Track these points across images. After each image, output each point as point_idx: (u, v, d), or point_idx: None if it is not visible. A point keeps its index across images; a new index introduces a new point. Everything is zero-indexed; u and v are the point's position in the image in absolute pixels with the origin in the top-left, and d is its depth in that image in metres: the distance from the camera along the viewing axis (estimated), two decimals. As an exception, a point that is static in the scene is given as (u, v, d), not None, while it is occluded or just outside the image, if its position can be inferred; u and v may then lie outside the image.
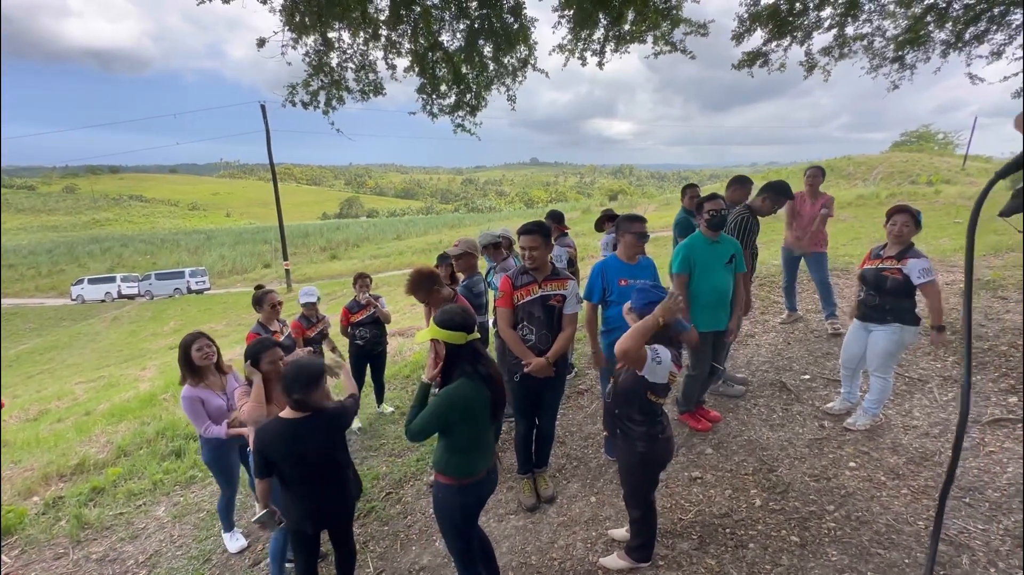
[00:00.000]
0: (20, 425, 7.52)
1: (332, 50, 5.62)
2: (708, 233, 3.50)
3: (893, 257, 3.28)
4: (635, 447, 2.39)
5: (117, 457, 5.05)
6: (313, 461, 2.35)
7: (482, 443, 2.24)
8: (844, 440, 3.50)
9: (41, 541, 3.80)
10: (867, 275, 3.43)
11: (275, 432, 2.32)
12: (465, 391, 2.14)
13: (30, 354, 19.68)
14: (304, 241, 42.98)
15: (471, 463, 2.21)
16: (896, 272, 3.23)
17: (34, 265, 38.88)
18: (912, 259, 3.20)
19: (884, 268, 3.30)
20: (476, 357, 2.20)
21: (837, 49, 6.12)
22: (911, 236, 3.29)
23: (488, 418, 2.22)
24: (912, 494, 2.95)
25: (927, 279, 3.15)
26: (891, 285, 3.25)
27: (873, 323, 3.42)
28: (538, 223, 3.07)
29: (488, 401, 2.20)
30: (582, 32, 5.80)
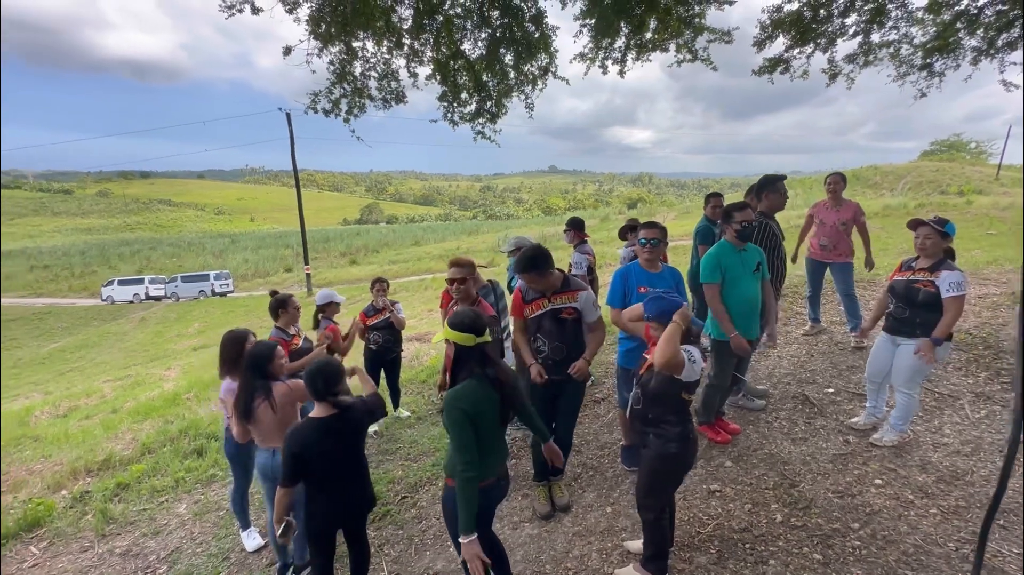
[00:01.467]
0: (51, 421, 7.77)
1: (355, 59, 5.74)
2: (736, 242, 3.46)
3: (926, 269, 3.19)
4: (669, 448, 2.37)
5: (141, 454, 5.17)
6: (341, 458, 2.42)
7: (491, 446, 2.20)
8: (870, 456, 3.40)
9: (68, 534, 3.91)
10: (897, 287, 3.33)
11: (310, 431, 2.37)
12: (473, 391, 2.14)
13: (62, 352, 20.36)
14: (325, 246, 43.70)
15: (482, 466, 2.16)
16: (929, 285, 3.14)
17: (68, 266, 40.30)
18: (945, 271, 3.11)
19: (916, 280, 3.21)
20: (485, 359, 2.20)
21: (862, 56, 6.01)
22: (938, 248, 3.19)
23: (496, 420, 2.21)
24: (942, 514, 2.84)
25: (956, 293, 3.06)
26: (923, 298, 3.16)
27: (902, 337, 3.32)
28: (531, 259, 2.90)
29: (496, 403, 2.18)
30: (603, 41, 5.82)
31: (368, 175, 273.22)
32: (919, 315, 3.20)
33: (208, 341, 17.91)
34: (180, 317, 24.43)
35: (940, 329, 3.12)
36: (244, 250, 44.51)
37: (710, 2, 5.44)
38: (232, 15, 4.92)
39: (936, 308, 3.14)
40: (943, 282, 3.09)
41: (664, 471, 2.45)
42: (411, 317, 12.84)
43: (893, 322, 3.37)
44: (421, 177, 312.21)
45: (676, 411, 2.37)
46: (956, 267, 3.15)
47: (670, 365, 2.22)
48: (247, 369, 2.82)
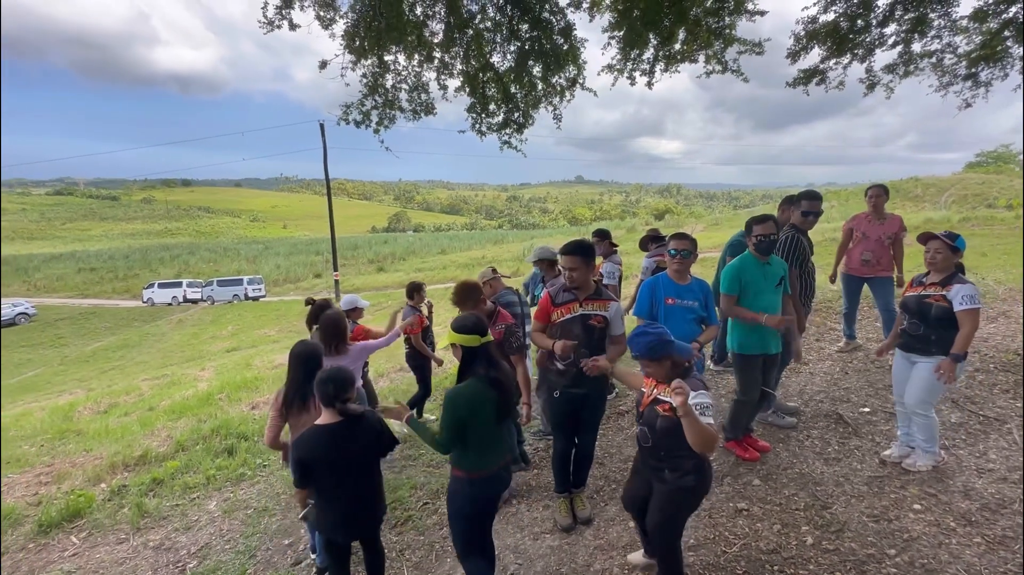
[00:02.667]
0: (92, 416, 8.12)
1: (387, 72, 5.91)
2: (758, 255, 3.40)
3: (937, 284, 3.09)
4: (687, 481, 2.27)
5: (175, 451, 5.35)
6: (347, 468, 2.40)
7: (491, 441, 2.40)
8: (908, 480, 3.25)
9: (106, 526, 4.07)
10: (909, 303, 3.20)
11: (314, 438, 2.37)
12: (473, 390, 2.31)
13: (104, 351, 21.32)
14: (353, 253, 44.67)
15: (482, 459, 2.37)
16: (941, 299, 3.03)
17: (112, 269, 42.30)
18: (957, 285, 3.00)
19: (927, 296, 3.10)
20: (489, 360, 2.37)
21: (902, 66, 5.84)
22: (948, 262, 3.08)
23: (494, 418, 2.36)
24: (987, 544, 2.69)
25: (969, 306, 2.93)
26: (936, 313, 3.04)
27: (917, 354, 3.18)
28: (580, 243, 2.99)
29: (494, 402, 2.34)
30: (631, 52, 5.83)
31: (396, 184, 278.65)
32: (934, 331, 3.06)
33: (240, 343, 18.48)
34: (215, 320, 25.28)
35: (958, 344, 2.97)
36: (277, 256, 45.88)
37: (741, 13, 5.39)
38: (271, 31, 5.14)
39: (951, 324, 3.00)
40: (955, 295, 2.97)
41: (684, 504, 2.38)
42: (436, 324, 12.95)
43: (908, 339, 3.23)
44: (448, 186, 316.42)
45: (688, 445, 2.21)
46: (968, 280, 3.04)
47: (710, 445, 2.10)
48: (301, 367, 2.89)
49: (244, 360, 12.29)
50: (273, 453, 5.08)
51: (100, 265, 43.58)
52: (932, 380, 3.06)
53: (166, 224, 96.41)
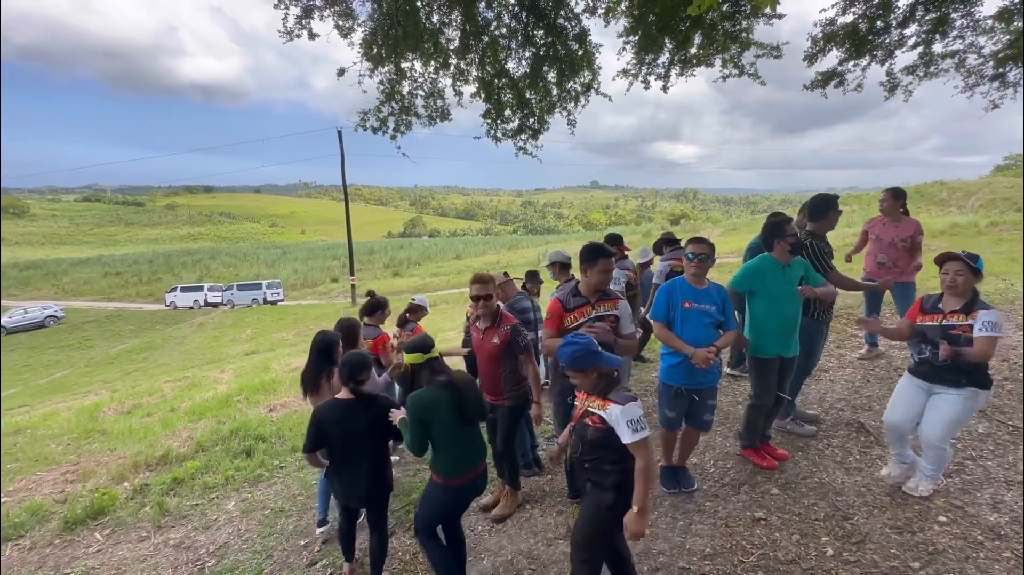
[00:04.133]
0: (116, 417, 8.32)
1: (404, 79, 5.99)
2: (784, 258, 3.36)
3: (959, 311, 2.85)
4: (605, 498, 2.20)
5: (196, 452, 5.46)
6: (357, 440, 2.72)
7: (458, 443, 2.59)
8: (934, 492, 3.16)
9: (128, 524, 4.17)
10: (930, 333, 2.94)
11: (330, 409, 2.74)
12: (427, 393, 2.58)
13: (128, 353, 21.85)
14: (369, 258, 45.14)
15: (453, 464, 2.59)
16: (968, 330, 2.79)
17: (137, 273, 43.39)
18: (981, 311, 2.78)
19: (953, 326, 2.85)
20: (434, 369, 2.64)
21: (923, 68, 5.73)
22: (969, 285, 2.84)
23: (454, 418, 2.55)
24: (1016, 559, 2.60)
25: (989, 333, 2.71)
26: (966, 344, 2.79)
27: (943, 386, 2.92)
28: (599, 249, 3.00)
29: (448, 402, 2.55)
30: (646, 57, 5.82)
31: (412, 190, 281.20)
32: (964, 363, 2.82)
33: (259, 346, 18.78)
34: (235, 323, 25.75)
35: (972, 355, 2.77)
36: (295, 261, 46.58)
37: (758, 17, 5.35)
38: (290, 40, 5.26)
39: None
40: (979, 320, 2.76)
41: (601, 522, 2.24)
42: (450, 329, 13.05)
43: (931, 370, 2.95)
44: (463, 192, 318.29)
45: (614, 460, 2.19)
46: (990, 305, 2.83)
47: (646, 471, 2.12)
48: (318, 352, 3.32)
49: (262, 363, 12.49)
50: (291, 455, 5.16)
51: (125, 269, 44.73)
52: (961, 413, 2.87)
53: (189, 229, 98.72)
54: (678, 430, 3.39)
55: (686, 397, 3.23)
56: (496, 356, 3.26)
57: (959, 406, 2.86)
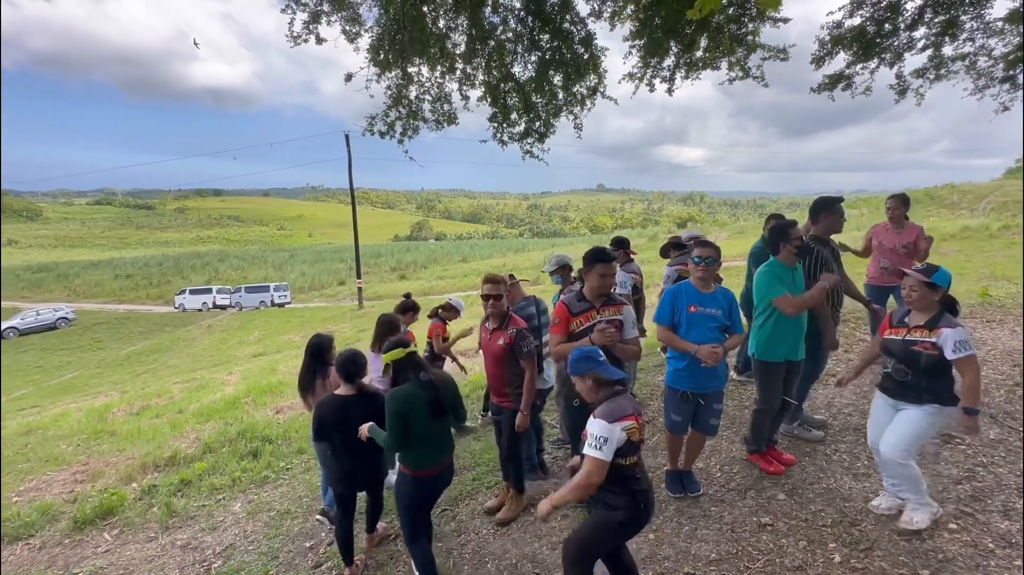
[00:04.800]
0: (125, 418, 8.41)
1: (411, 83, 6.03)
2: (790, 260, 3.34)
3: (923, 327, 2.74)
4: (615, 516, 2.19)
5: (203, 453, 5.51)
6: (355, 432, 2.91)
7: (430, 438, 2.77)
8: (944, 498, 3.12)
9: (137, 524, 4.21)
10: (893, 348, 2.85)
11: (332, 403, 2.99)
12: (406, 390, 2.72)
13: (138, 355, 22.06)
14: (376, 261, 45.33)
15: (423, 456, 2.76)
16: (930, 347, 2.68)
17: (147, 276, 43.83)
18: (945, 328, 2.65)
19: (915, 342, 2.75)
20: (416, 366, 2.78)
21: (933, 71, 5.69)
22: (928, 301, 2.73)
23: (429, 414, 2.72)
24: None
25: (964, 353, 2.60)
26: (925, 362, 2.69)
27: (906, 402, 2.83)
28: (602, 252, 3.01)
29: (426, 399, 2.71)
30: (652, 60, 5.82)
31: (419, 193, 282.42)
32: (924, 380, 2.74)
33: (266, 349, 18.91)
34: (243, 325, 25.94)
35: (969, 397, 2.63)
36: (302, 263, 46.85)
37: (764, 20, 5.34)
38: (297, 44, 5.30)
39: (943, 371, 2.69)
40: (946, 342, 2.64)
41: (606, 537, 2.26)
42: (456, 332, 13.00)
43: (893, 385, 2.88)
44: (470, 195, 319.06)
45: (617, 480, 2.16)
46: (956, 322, 2.69)
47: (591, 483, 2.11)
48: (311, 355, 3.54)
49: (269, 365, 12.57)
50: (297, 456, 5.19)
51: (136, 272, 45.20)
52: (919, 428, 2.75)
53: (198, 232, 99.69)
54: (684, 434, 3.38)
55: (692, 401, 3.22)
56: (501, 358, 3.28)
57: (921, 423, 2.75)
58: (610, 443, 2.06)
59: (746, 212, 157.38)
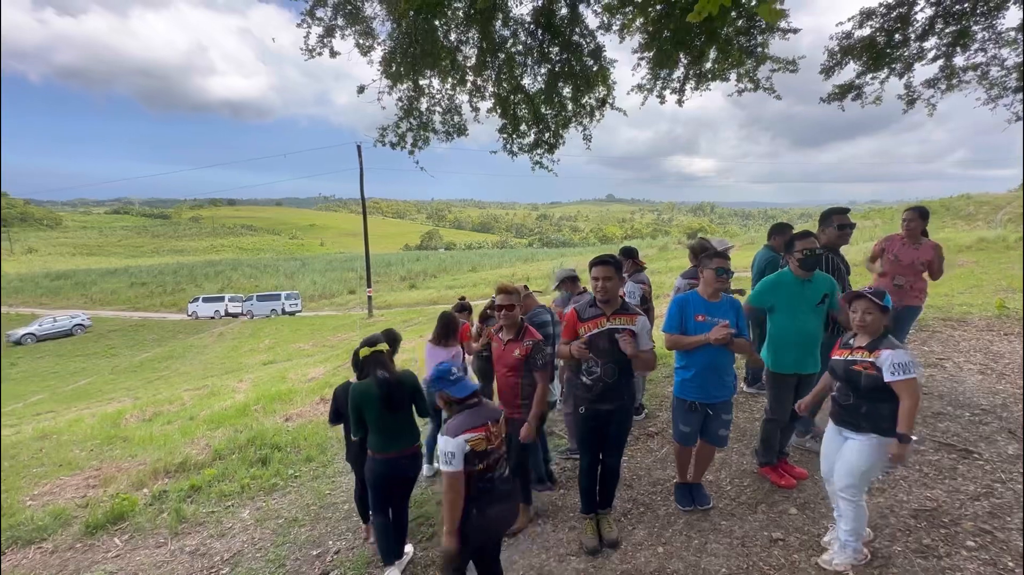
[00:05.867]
0: (138, 424, 8.51)
1: (422, 95, 6.12)
2: (799, 272, 3.32)
3: (865, 348, 2.64)
4: None
5: (213, 460, 5.54)
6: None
7: (393, 429, 3.11)
8: (961, 514, 3.05)
9: (147, 529, 4.24)
10: (836, 369, 2.75)
11: (344, 391, 3.29)
12: (361, 387, 3.09)
13: (151, 361, 22.33)
14: (386, 270, 45.59)
15: (383, 442, 3.10)
16: (869, 367, 2.57)
17: (161, 284, 44.47)
18: (886, 351, 2.54)
19: (855, 362, 2.64)
20: (375, 365, 3.10)
21: (944, 81, 5.65)
22: (878, 324, 2.63)
23: (381, 406, 3.04)
24: (1050, 587, 2.49)
25: (904, 375, 2.47)
26: (865, 383, 2.58)
27: (848, 430, 2.70)
28: (610, 255, 3.09)
29: (378, 395, 3.03)
30: (661, 72, 5.86)
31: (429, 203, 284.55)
32: (864, 404, 2.62)
33: (276, 356, 19.04)
34: (254, 333, 26.17)
35: (904, 422, 2.48)
36: (313, 272, 47.26)
37: (774, 31, 5.36)
38: (312, 58, 5.42)
39: (883, 395, 2.55)
40: (885, 363, 2.52)
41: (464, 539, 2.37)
42: (465, 341, 13.00)
43: (837, 409, 2.77)
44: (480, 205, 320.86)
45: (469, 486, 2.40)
46: (899, 344, 2.60)
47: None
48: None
49: (279, 373, 12.66)
50: (305, 464, 5.20)
51: (150, 280, 45.89)
52: (864, 461, 2.61)
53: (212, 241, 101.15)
54: (692, 446, 3.34)
55: (700, 411, 3.19)
56: (516, 369, 3.26)
57: (862, 454, 2.60)
58: (457, 456, 2.27)
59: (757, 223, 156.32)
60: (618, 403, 3.02)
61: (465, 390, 2.44)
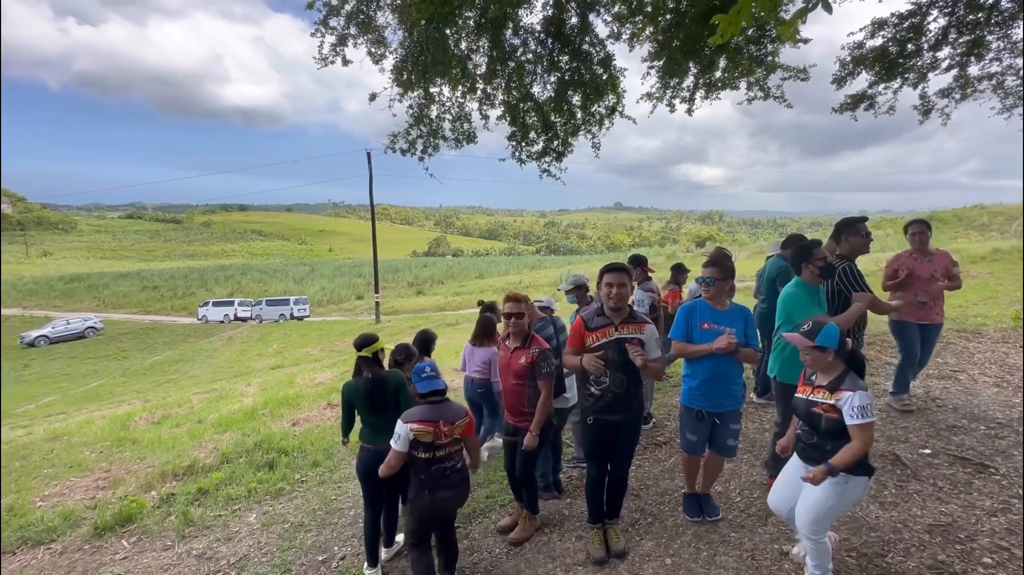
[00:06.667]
0: (147, 427, 8.56)
1: (432, 103, 6.18)
2: (815, 281, 3.29)
3: (825, 387, 2.50)
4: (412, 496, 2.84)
5: (220, 463, 5.56)
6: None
7: (372, 423, 3.30)
8: (978, 530, 2.99)
9: (154, 532, 4.25)
10: (798, 406, 2.65)
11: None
12: (350, 384, 3.37)
13: (161, 364, 22.54)
14: (394, 276, 45.81)
15: (369, 434, 3.31)
16: (830, 410, 2.46)
17: (172, 288, 45.01)
18: (846, 391, 2.42)
19: (816, 403, 2.52)
20: (366, 364, 3.34)
21: (958, 90, 5.61)
22: (822, 363, 2.50)
23: (367, 404, 3.28)
24: (1071, 608, 2.42)
25: (861, 420, 2.35)
26: (826, 426, 2.47)
27: (813, 466, 2.53)
28: (621, 263, 3.09)
29: (364, 393, 3.29)
30: (671, 80, 5.87)
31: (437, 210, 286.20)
32: (828, 443, 2.50)
33: (284, 361, 19.15)
34: (262, 338, 26.35)
35: (840, 456, 2.37)
36: (322, 278, 47.59)
37: (784, 41, 5.35)
38: (325, 66, 5.50)
39: (847, 435, 2.43)
40: (844, 405, 2.40)
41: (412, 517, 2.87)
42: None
43: (800, 445, 2.65)
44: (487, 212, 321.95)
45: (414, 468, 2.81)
46: (861, 384, 2.44)
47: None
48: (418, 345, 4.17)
49: (287, 378, 12.72)
50: (311, 469, 5.21)
51: (162, 283, 46.43)
52: (827, 501, 2.48)
53: (222, 246, 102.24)
54: (700, 455, 3.31)
55: (707, 420, 3.16)
56: (522, 377, 3.26)
57: (826, 492, 2.46)
58: (402, 438, 2.72)
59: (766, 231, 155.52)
60: (626, 414, 2.99)
61: (426, 388, 2.83)
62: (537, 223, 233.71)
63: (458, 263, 59.41)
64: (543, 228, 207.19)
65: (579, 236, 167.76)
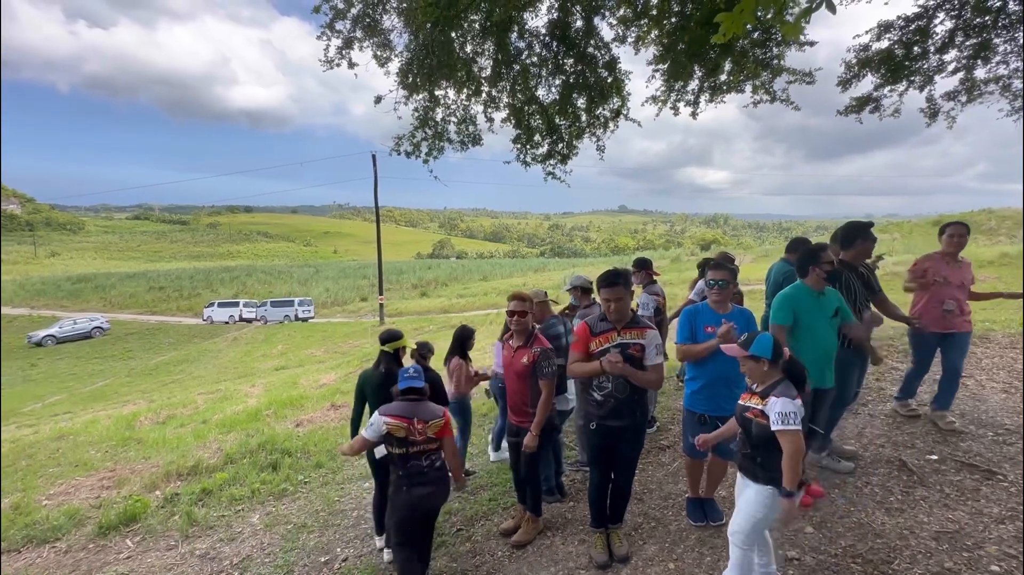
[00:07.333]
0: (152, 427, 8.61)
1: (437, 106, 6.20)
2: (818, 285, 3.28)
3: (758, 394, 2.46)
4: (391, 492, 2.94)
5: (224, 463, 5.58)
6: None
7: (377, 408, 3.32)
8: (985, 538, 2.95)
9: (158, 532, 4.27)
10: (737, 413, 2.59)
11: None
12: (366, 373, 3.56)
13: (167, 365, 22.66)
14: (398, 278, 45.86)
15: None
16: (759, 415, 2.39)
17: (178, 288, 45.22)
18: (774, 398, 2.36)
19: (748, 408, 2.47)
20: (386, 359, 3.50)
21: (965, 93, 5.58)
22: (757, 373, 2.46)
23: (379, 396, 3.35)
24: (1081, 617, 2.39)
25: (786, 426, 2.29)
26: (756, 431, 2.41)
27: (747, 477, 2.52)
28: (618, 272, 2.97)
29: (375, 384, 3.44)
30: (676, 83, 5.87)
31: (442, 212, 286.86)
32: (758, 453, 2.44)
33: (289, 362, 19.21)
34: (267, 339, 26.45)
35: (786, 476, 2.30)
36: (326, 279, 47.70)
37: (789, 44, 5.34)
38: (331, 69, 5.53)
39: (777, 446, 2.36)
40: (771, 411, 2.35)
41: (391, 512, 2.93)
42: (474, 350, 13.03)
43: (740, 458, 2.60)
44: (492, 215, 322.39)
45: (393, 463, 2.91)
46: (791, 391, 2.38)
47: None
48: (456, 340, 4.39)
49: (291, 379, 12.76)
50: (314, 470, 5.22)
51: (168, 284, 46.66)
52: (757, 512, 2.43)
53: (228, 247, 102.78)
54: (703, 459, 3.30)
55: (710, 424, 3.15)
56: (524, 376, 3.25)
57: (756, 504, 2.43)
58: (374, 427, 2.84)
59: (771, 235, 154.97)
60: (630, 420, 2.97)
61: (403, 385, 2.94)
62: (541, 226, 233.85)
63: (462, 265, 59.46)
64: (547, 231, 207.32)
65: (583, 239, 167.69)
